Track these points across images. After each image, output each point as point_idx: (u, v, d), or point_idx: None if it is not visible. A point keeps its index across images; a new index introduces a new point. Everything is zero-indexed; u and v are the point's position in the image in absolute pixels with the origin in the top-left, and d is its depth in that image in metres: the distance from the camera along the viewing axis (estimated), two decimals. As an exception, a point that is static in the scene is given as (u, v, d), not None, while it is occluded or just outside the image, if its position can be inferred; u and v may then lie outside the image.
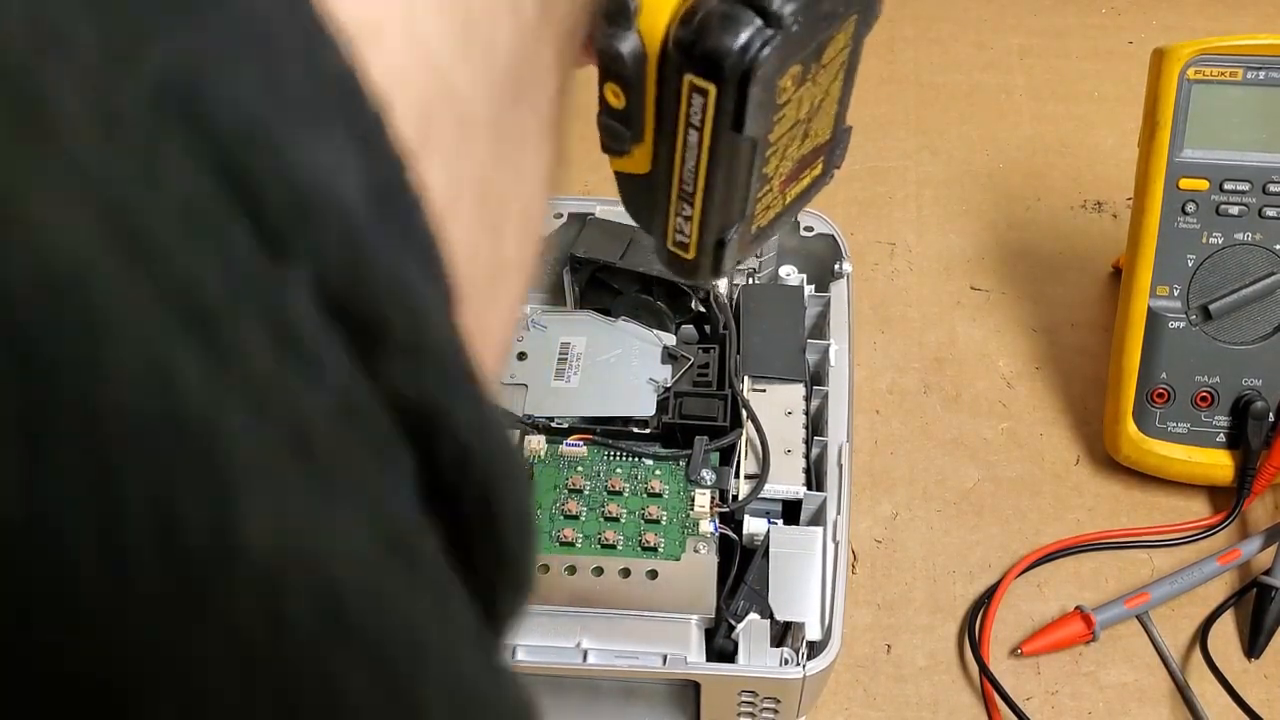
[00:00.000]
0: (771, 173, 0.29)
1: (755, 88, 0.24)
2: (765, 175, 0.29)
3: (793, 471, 0.49)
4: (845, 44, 0.28)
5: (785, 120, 0.27)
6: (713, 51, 0.24)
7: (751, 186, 0.28)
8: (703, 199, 0.27)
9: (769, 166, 0.28)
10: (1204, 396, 0.57)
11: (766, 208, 0.30)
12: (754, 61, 0.24)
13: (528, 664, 0.44)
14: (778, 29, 0.24)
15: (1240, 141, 0.55)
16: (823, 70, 0.28)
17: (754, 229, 0.30)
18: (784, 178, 0.30)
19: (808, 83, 0.27)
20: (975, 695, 0.53)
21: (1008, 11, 0.88)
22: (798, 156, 0.30)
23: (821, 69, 0.28)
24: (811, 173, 0.32)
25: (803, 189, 0.32)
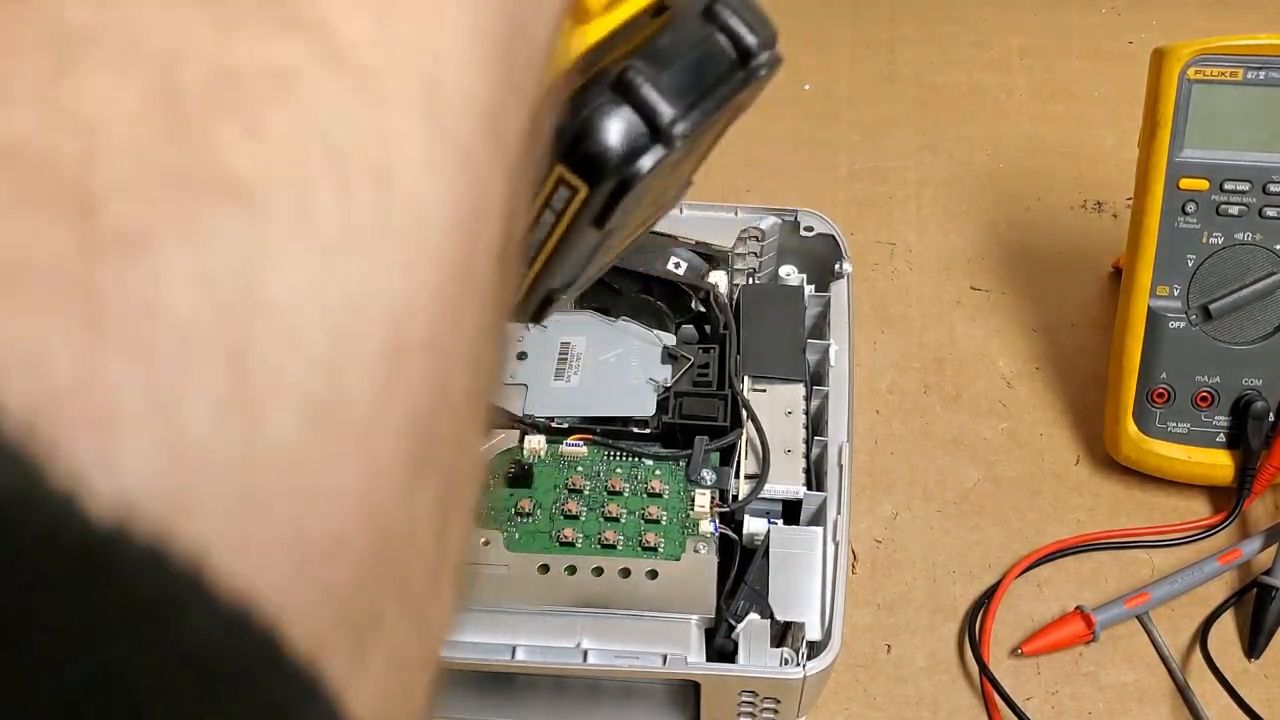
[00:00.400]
0: (616, 244, 0.28)
1: (629, 196, 0.23)
2: (609, 247, 0.28)
3: (793, 471, 0.49)
4: (724, 127, 0.27)
5: (644, 205, 0.27)
6: (595, 157, 0.22)
7: (594, 261, 0.27)
8: (541, 268, 0.26)
9: (614, 239, 0.27)
10: (1204, 396, 0.57)
11: (600, 266, 0.30)
12: (635, 175, 0.23)
13: (528, 664, 0.44)
14: (667, 148, 0.23)
15: (1240, 141, 0.55)
16: (695, 153, 0.27)
17: (583, 279, 0.30)
18: (625, 241, 0.30)
19: (677, 168, 0.26)
20: (975, 695, 0.53)
21: (1008, 11, 0.88)
22: (645, 220, 0.30)
23: (694, 153, 0.27)
24: (650, 220, 0.31)
25: (637, 236, 0.31)
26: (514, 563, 0.47)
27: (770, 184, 0.76)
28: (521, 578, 0.46)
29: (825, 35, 0.87)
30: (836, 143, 0.79)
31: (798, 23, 0.88)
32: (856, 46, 0.86)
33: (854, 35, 0.87)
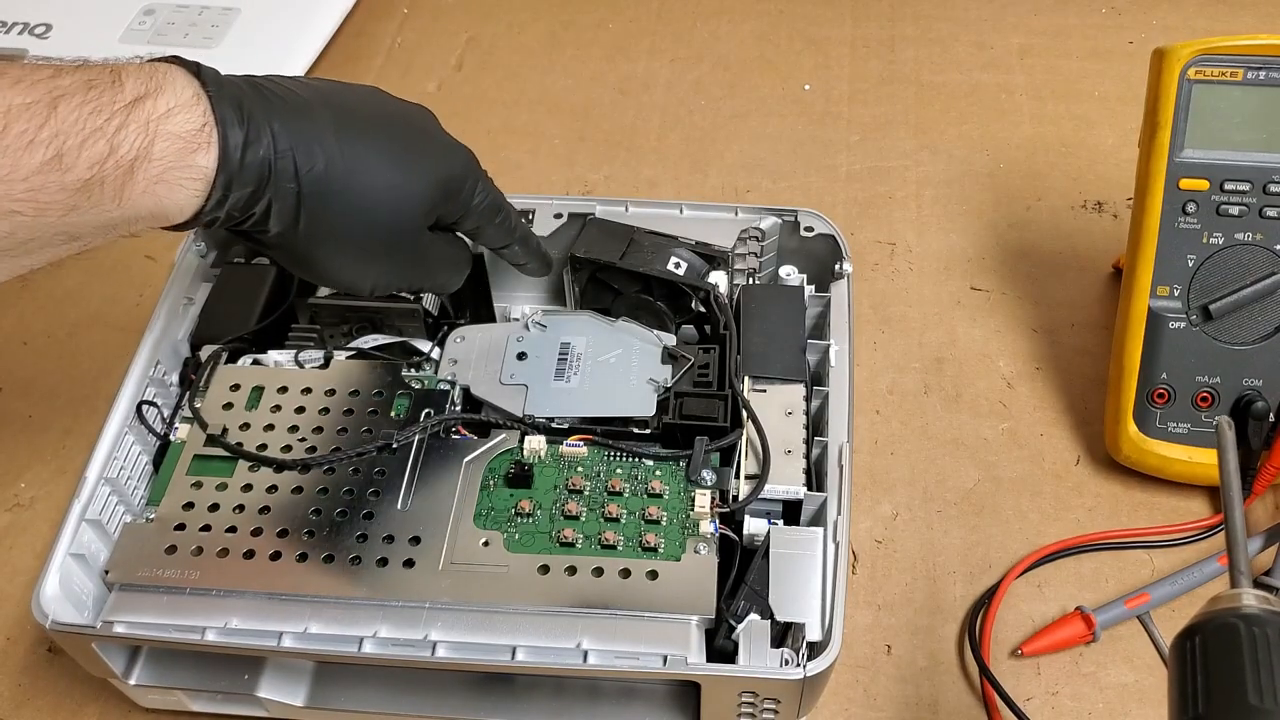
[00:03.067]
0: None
1: None
2: None
3: (793, 472, 0.49)
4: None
5: None
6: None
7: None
8: None
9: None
10: (1204, 397, 0.57)
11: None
12: None
13: (528, 664, 0.44)
14: None
15: (1240, 141, 0.55)
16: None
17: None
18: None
19: None
20: (975, 696, 0.53)
21: (1008, 11, 0.88)
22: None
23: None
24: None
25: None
26: (514, 563, 0.47)
27: (770, 184, 0.76)
28: (521, 578, 0.46)
29: (825, 35, 0.87)
30: (836, 143, 0.79)
31: (798, 23, 0.88)
32: (856, 46, 0.86)
33: (854, 35, 0.87)
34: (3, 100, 0.36)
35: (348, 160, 0.44)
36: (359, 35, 0.88)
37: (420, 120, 0.49)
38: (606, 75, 0.85)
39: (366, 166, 0.44)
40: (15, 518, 0.61)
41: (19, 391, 0.66)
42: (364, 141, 0.45)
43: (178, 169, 0.39)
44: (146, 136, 0.38)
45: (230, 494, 0.49)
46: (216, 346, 0.55)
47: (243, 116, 0.41)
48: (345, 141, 0.44)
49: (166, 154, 0.39)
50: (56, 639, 0.46)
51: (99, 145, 0.37)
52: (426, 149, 0.48)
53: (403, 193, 0.46)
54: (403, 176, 0.46)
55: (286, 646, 0.45)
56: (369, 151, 0.45)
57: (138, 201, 0.39)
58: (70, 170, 0.37)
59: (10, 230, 0.37)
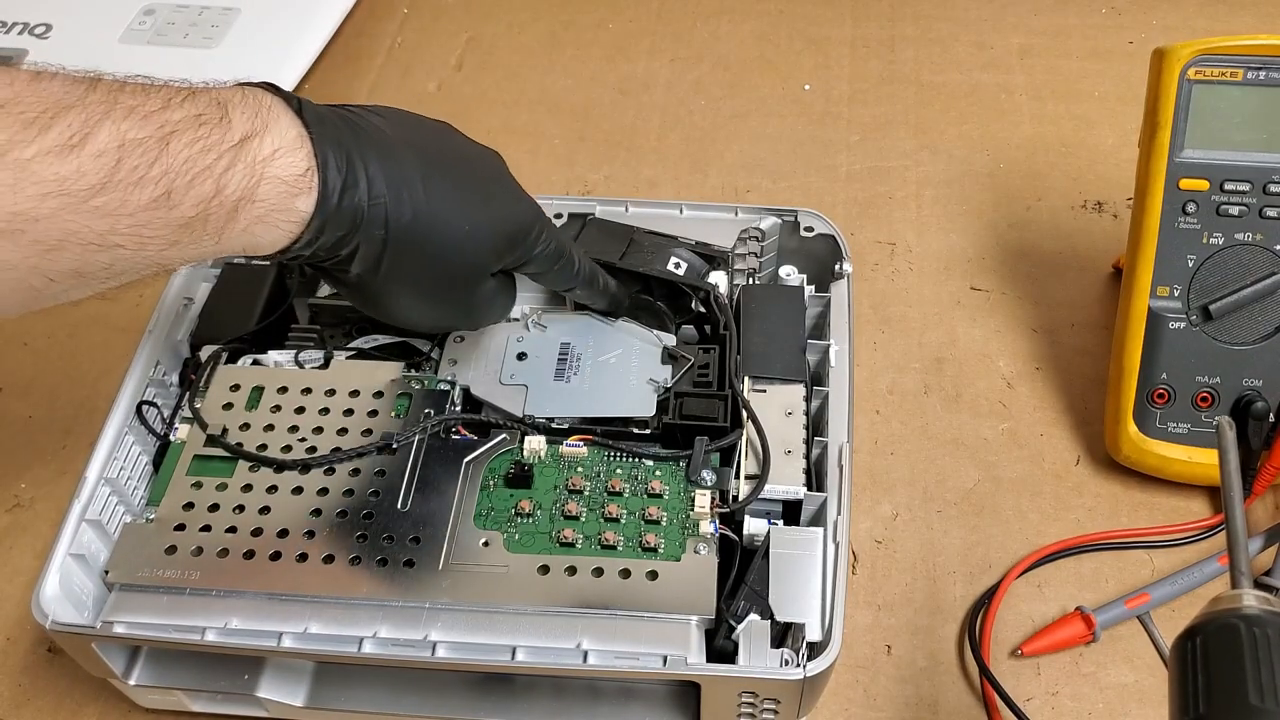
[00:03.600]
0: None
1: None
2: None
3: (793, 472, 0.49)
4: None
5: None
6: None
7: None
8: None
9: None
10: (1204, 397, 0.57)
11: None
12: None
13: (528, 664, 0.44)
14: None
15: (1240, 141, 0.55)
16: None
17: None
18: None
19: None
20: (975, 696, 0.53)
21: (1008, 11, 0.88)
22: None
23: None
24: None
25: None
26: (514, 563, 0.47)
27: (770, 184, 0.76)
28: (521, 578, 0.46)
29: (825, 35, 0.87)
30: (836, 143, 0.79)
31: (798, 23, 0.88)
32: (856, 46, 0.86)
33: (854, 35, 0.87)
34: (117, 133, 0.35)
35: (433, 208, 0.44)
36: (359, 35, 0.88)
37: (493, 166, 0.49)
38: (606, 75, 0.85)
39: (447, 216, 0.44)
40: (15, 518, 0.61)
41: (19, 392, 0.66)
42: (446, 189, 0.44)
43: (279, 211, 0.40)
44: (252, 178, 0.38)
45: (230, 494, 0.49)
46: (216, 346, 0.55)
47: (342, 161, 0.41)
48: (431, 190, 0.44)
49: (270, 196, 0.39)
50: (56, 639, 0.46)
51: (207, 185, 0.37)
52: (499, 197, 0.47)
53: (476, 243, 0.46)
54: (477, 226, 0.46)
55: (286, 646, 0.45)
56: (451, 200, 0.45)
57: (235, 239, 0.39)
58: (177, 208, 0.37)
59: (110, 262, 0.37)
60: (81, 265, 0.36)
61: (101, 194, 0.35)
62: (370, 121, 0.44)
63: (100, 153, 0.35)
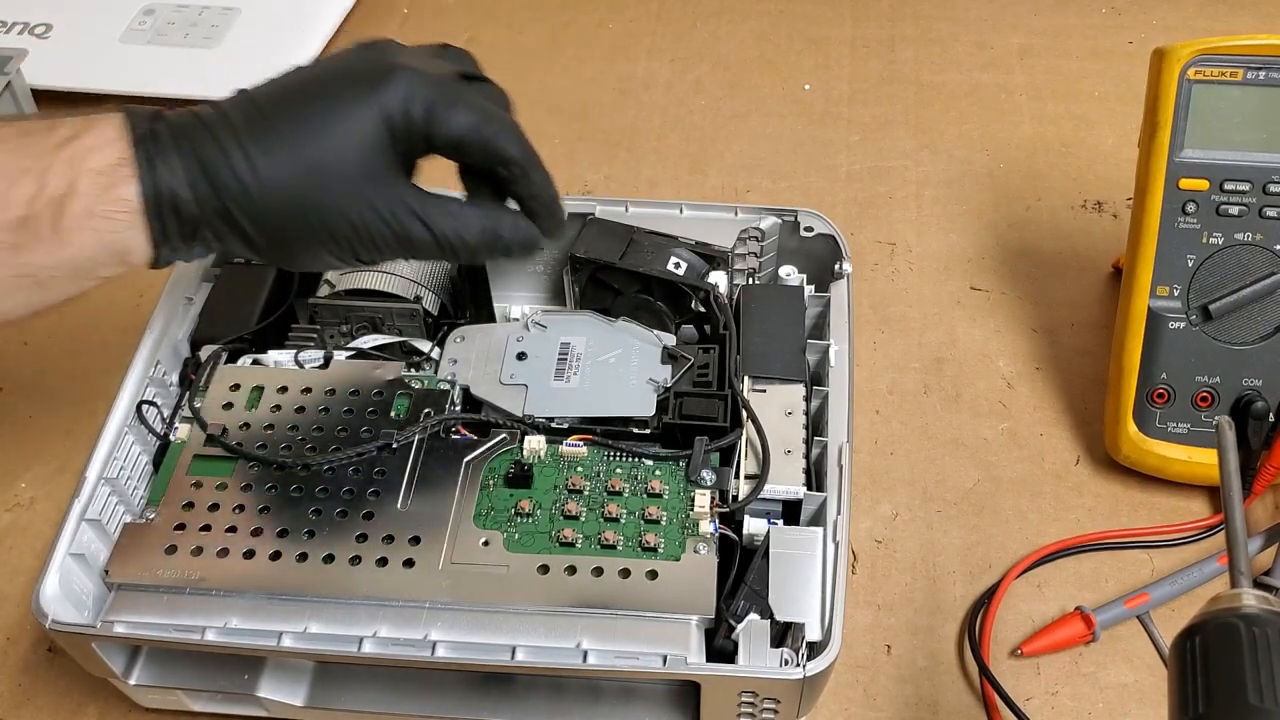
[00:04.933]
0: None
1: None
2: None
3: (793, 472, 0.49)
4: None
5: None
6: None
7: None
8: None
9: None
10: (1204, 396, 0.57)
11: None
12: None
13: (528, 664, 0.44)
14: None
15: (1240, 141, 0.55)
16: None
17: None
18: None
19: None
20: (975, 696, 0.53)
21: (1008, 11, 0.88)
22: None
23: None
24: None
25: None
26: (514, 563, 0.47)
27: (770, 184, 0.76)
28: (521, 578, 0.46)
29: (825, 35, 0.87)
30: (836, 143, 0.79)
31: (798, 23, 0.88)
32: (856, 46, 0.86)
33: (854, 35, 0.87)
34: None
35: (263, 169, 0.42)
36: (359, 35, 0.88)
37: (331, 81, 0.44)
38: (606, 75, 0.85)
39: (283, 166, 0.42)
40: (15, 518, 0.61)
41: (20, 391, 0.66)
42: (274, 141, 0.42)
43: (104, 203, 0.40)
44: (71, 172, 0.40)
45: (230, 494, 0.49)
46: (216, 346, 0.55)
47: (157, 148, 0.41)
48: (257, 148, 0.42)
49: (90, 189, 0.40)
50: (56, 639, 0.46)
51: (29, 183, 0.39)
52: (338, 114, 0.43)
53: (329, 179, 0.42)
54: (321, 160, 0.42)
55: (286, 646, 0.45)
56: (282, 150, 0.42)
57: (82, 239, 0.40)
58: (6, 209, 0.39)
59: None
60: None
61: None
62: (206, 108, 0.43)
63: None
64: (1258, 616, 0.34)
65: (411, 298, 0.56)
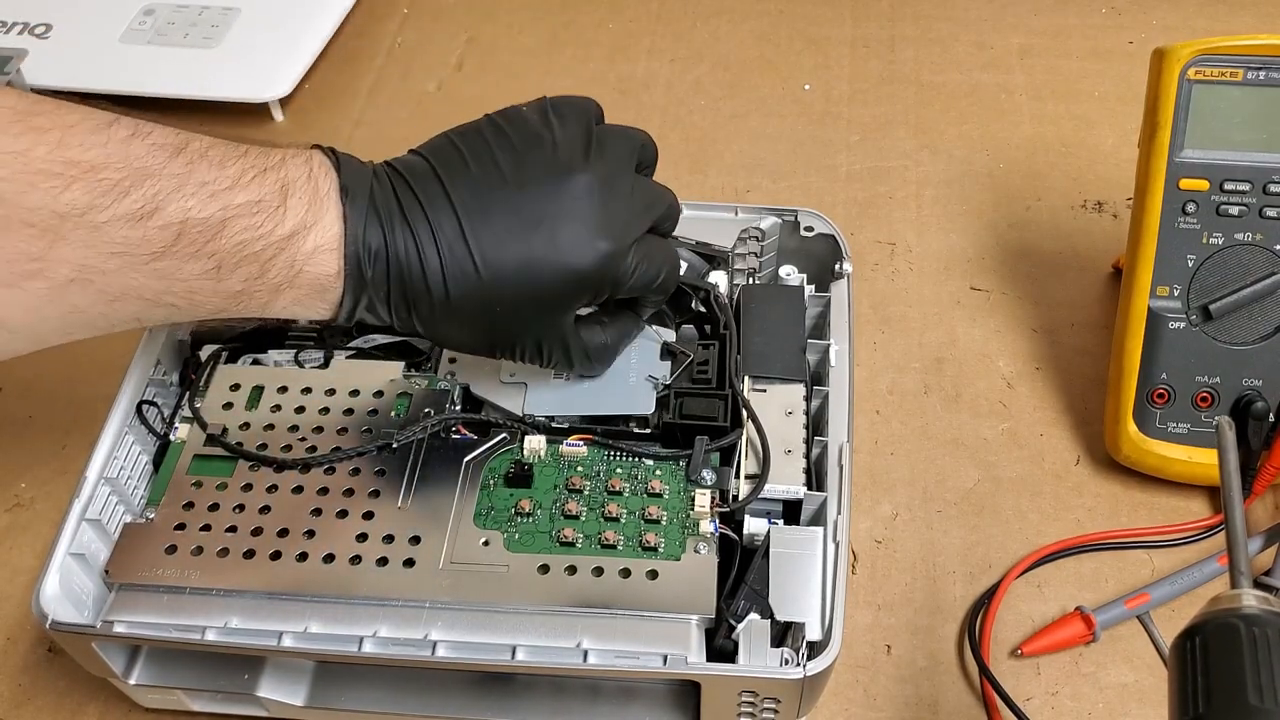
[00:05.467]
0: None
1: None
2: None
3: (793, 471, 0.49)
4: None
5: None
6: None
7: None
8: None
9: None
10: (1204, 397, 0.57)
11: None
12: None
13: (528, 664, 0.44)
14: None
15: (1240, 141, 0.55)
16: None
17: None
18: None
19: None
20: (975, 696, 0.53)
21: (1008, 11, 0.88)
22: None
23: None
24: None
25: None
26: (514, 563, 0.47)
27: (770, 184, 0.76)
28: (521, 578, 0.46)
29: (825, 35, 0.87)
30: (836, 143, 0.79)
31: (798, 23, 0.88)
32: (856, 46, 0.86)
33: (854, 35, 0.87)
34: (183, 209, 0.40)
35: (455, 300, 0.44)
36: (359, 35, 0.88)
37: (568, 196, 0.45)
38: (606, 75, 0.85)
39: (490, 278, 0.44)
40: (15, 518, 0.61)
41: (19, 392, 0.66)
42: (493, 244, 0.44)
43: (313, 297, 0.44)
44: (292, 270, 0.43)
45: (230, 494, 0.49)
46: (216, 346, 0.55)
47: (370, 260, 0.44)
48: (476, 248, 0.44)
49: (306, 285, 0.43)
50: (56, 639, 0.46)
51: (253, 267, 0.42)
52: (566, 237, 0.44)
53: (528, 297, 0.45)
54: (529, 280, 0.44)
55: (286, 646, 0.45)
56: (498, 257, 0.44)
57: (279, 311, 0.44)
58: (225, 281, 0.42)
59: (166, 316, 0.42)
60: (140, 314, 0.42)
61: (161, 259, 0.40)
62: (418, 187, 0.44)
63: (165, 225, 0.39)
64: (1258, 617, 0.34)
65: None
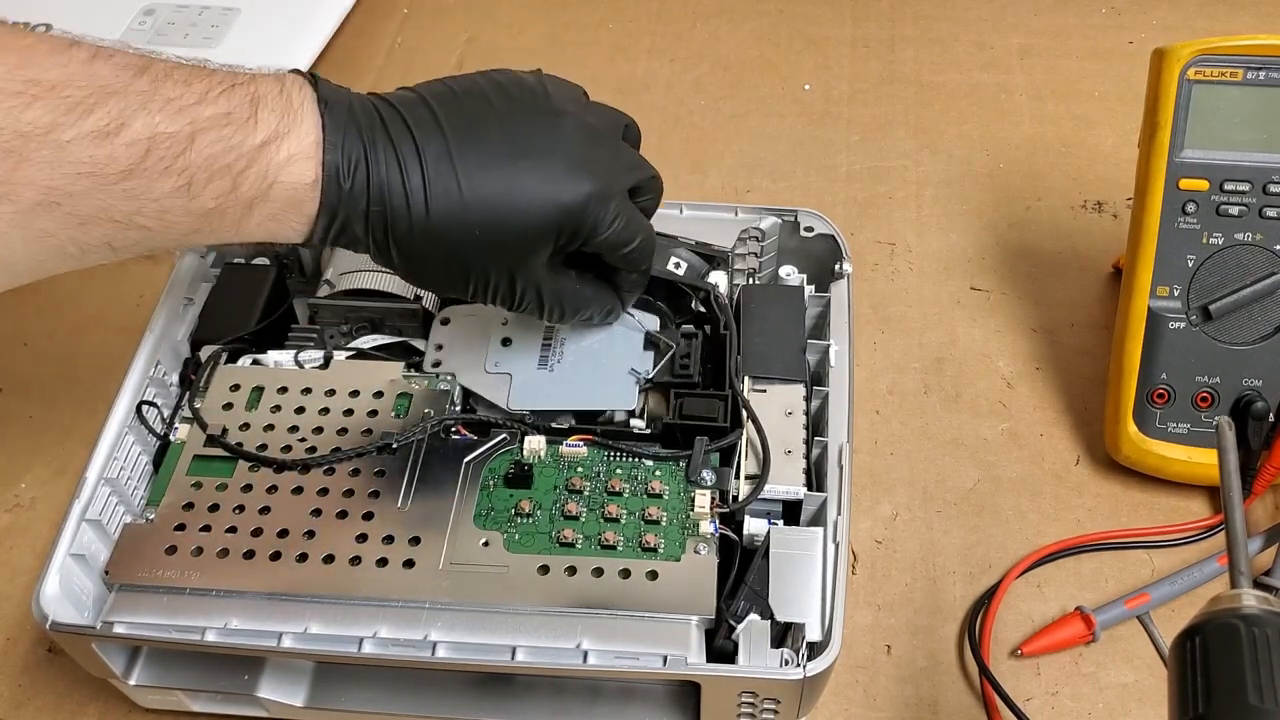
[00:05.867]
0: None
1: None
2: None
3: (793, 472, 0.49)
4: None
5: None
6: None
7: None
8: None
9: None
10: (1204, 397, 0.57)
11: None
12: None
13: (528, 664, 0.44)
14: None
15: (1240, 141, 0.55)
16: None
17: None
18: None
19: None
20: (975, 696, 0.53)
21: (1008, 11, 0.88)
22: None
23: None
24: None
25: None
26: (514, 563, 0.47)
27: (770, 184, 0.76)
28: (521, 578, 0.46)
29: (825, 35, 0.87)
30: (836, 143, 0.79)
31: (798, 23, 0.88)
32: (856, 46, 0.86)
33: (854, 35, 0.87)
34: (150, 124, 0.39)
35: (453, 200, 0.44)
36: (359, 35, 0.88)
37: (549, 135, 0.46)
38: (606, 75, 0.85)
39: (471, 206, 0.44)
40: (15, 518, 0.61)
41: (19, 392, 0.66)
42: (474, 173, 0.44)
43: (289, 211, 0.42)
44: (265, 181, 0.41)
45: (230, 494, 0.49)
46: (216, 346, 0.55)
47: (349, 170, 0.42)
48: (459, 175, 0.44)
49: (280, 198, 0.42)
50: (56, 639, 0.46)
51: (225, 181, 0.41)
52: (547, 174, 0.45)
53: (507, 231, 0.44)
54: (510, 212, 0.44)
55: (286, 646, 0.45)
56: (478, 188, 0.44)
57: (255, 230, 0.43)
58: (197, 198, 0.40)
59: (139, 239, 0.41)
60: (112, 239, 0.40)
61: (129, 179, 0.38)
62: (406, 111, 0.44)
63: (132, 142, 0.38)
64: (1258, 617, 0.34)
65: (411, 297, 0.56)
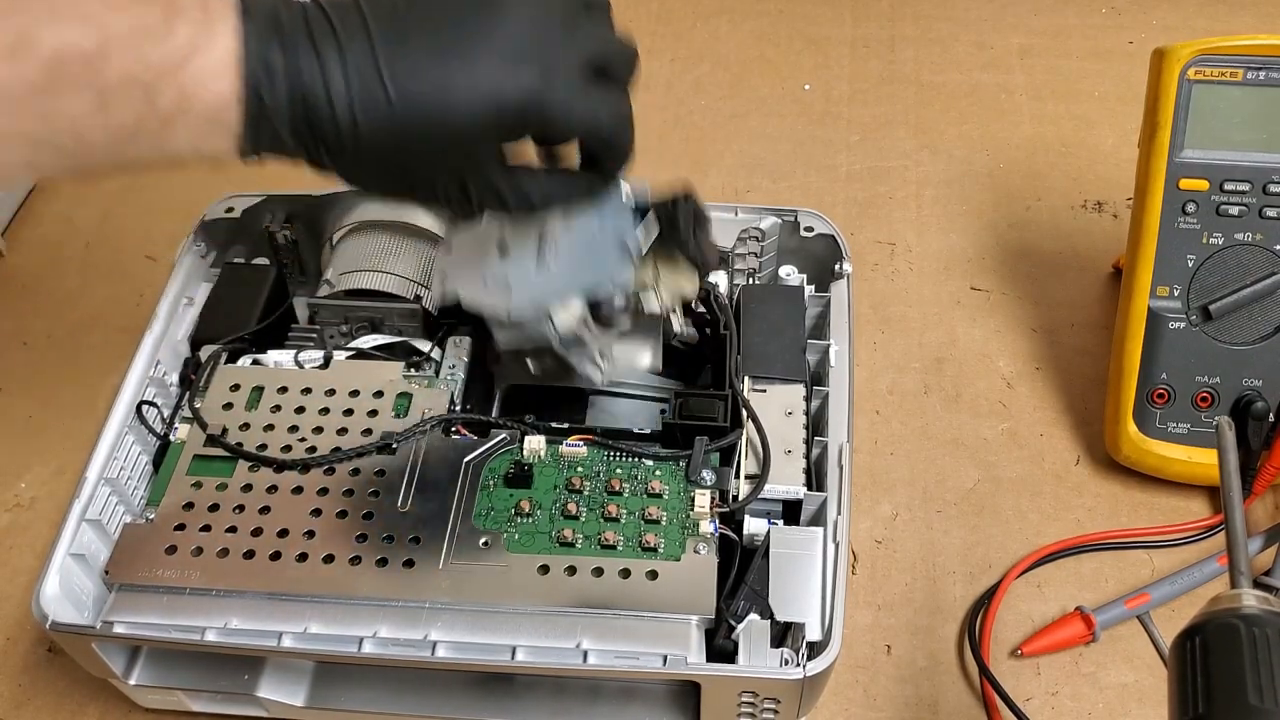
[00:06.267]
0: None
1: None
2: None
3: (793, 472, 0.49)
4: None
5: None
6: None
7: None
8: None
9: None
10: (1204, 397, 0.57)
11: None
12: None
13: (528, 664, 0.44)
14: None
15: (1240, 141, 0.55)
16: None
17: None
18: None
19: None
20: (975, 696, 0.53)
21: (1008, 11, 0.88)
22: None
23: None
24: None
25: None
26: (514, 563, 0.47)
27: (770, 184, 0.76)
28: (521, 578, 0.46)
29: (825, 35, 0.87)
30: (836, 143, 0.79)
31: (798, 23, 0.88)
32: (856, 46, 0.86)
33: (854, 35, 0.87)
34: (57, 37, 0.37)
35: (364, 135, 0.42)
36: None
37: (489, 20, 0.43)
38: (606, 75, 0.85)
39: (405, 108, 0.41)
40: (15, 518, 0.61)
41: (19, 392, 0.66)
42: (407, 70, 0.41)
43: (212, 128, 0.40)
44: (184, 98, 0.39)
45: (230, 494, 0.49)
46: (216, 346, 0.55)
47: (268, 81, 0.40)
48: (389, 75, 0.41)
49: (201, 114, 0.40)
50: (56, 639, 0.46)
51: (140, 97, 0.39)
52: (486, 65, 0.42)
53: (446, 129, 0.42)
54: (445, 109, 0.42)
55: (286, 646, 0.45)
56: (413, 84, 0.41)
57: (179, 148, 0.41)
58: (113, 116, 0.39)
59: (57, 160, 0.39)
60: (31, 159, 0.39)
61: (40, 96, 0.37)
62: (334, 13, 0.42)
63: (39, 60, 0.37)
64: (1258, 617, 0.34)
65: (411, 297, 0.56)
